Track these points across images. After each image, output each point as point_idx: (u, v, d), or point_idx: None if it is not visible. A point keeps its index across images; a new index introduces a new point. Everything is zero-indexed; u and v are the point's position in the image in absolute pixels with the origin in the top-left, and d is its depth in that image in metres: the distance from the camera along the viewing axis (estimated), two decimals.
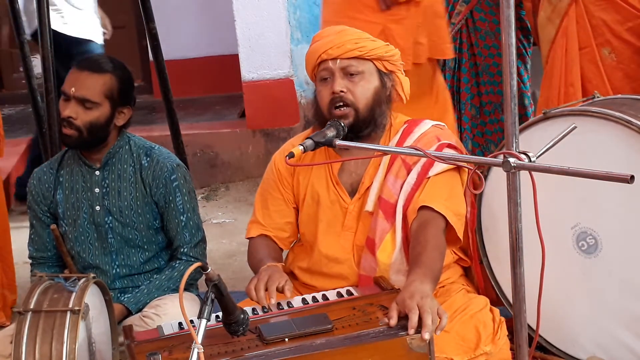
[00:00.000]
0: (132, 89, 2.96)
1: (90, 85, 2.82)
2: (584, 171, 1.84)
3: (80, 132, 2.84)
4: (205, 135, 6.10)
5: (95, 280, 2.43)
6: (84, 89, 2.81)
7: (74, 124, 2.82)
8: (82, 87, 2.81)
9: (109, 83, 2.85)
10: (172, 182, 2.93)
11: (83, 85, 2.81)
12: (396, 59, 2.73)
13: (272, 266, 2.62)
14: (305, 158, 2.79)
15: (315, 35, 2.81)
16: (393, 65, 2.72)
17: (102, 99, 2.84)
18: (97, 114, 2.84)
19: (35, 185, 3.02)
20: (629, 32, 3.37)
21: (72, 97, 2.82)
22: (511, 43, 1.95)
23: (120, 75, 2.89)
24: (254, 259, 2.79)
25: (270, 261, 2.67)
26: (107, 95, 2.84)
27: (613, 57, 3.42)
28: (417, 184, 2.64)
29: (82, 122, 2.83)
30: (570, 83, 3.48)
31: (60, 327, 2.20)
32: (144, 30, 4.43)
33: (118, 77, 2.87)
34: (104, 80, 2.84)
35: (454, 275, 2.82)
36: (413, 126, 2.76)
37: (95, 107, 2.83)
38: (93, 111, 2.83)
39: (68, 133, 2.85)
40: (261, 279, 2.50)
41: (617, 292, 2.66)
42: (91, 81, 2.83)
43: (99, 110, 2.84)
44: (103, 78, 2.84)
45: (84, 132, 2.84)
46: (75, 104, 2.82)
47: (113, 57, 2.98)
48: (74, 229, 2.97)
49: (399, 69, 2.75)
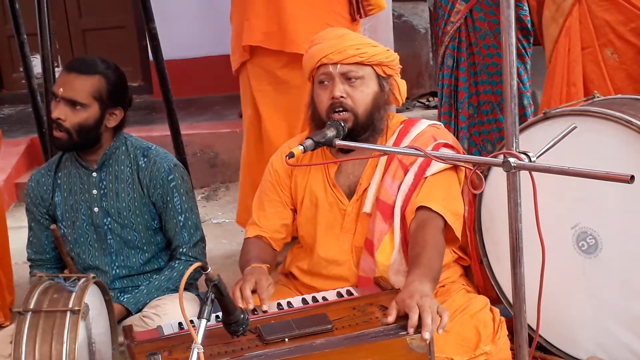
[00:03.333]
0: (124, 90, 2.94)
1: (78, 87, 2.82)
2: (584, 171, 1.84)
3: (69, 134, 2.84)
4: (205, 135, 6.10)
5: (95, 281, 2.43)
6: (72, 90, 2.81)
7: (63, 125, 2.83)
8: (70, 89, 2.81)
9: (98, 84, 2.84)
10: (169, 182, 2.93)
11: (71, 86, 2.81)
12: (395, 64, 2.73)
13: (257, 267, 2.62)
14: (304, 159, 2.79)
15: (314, 36, 2.80)
16: (392, 70, 2.73)
17: (90, 100, 2.83)
18: (86, 115, 2.84)
19: (34, 187, 3.02)
20: (632, 32, 3.37)
21: (61, 98, 2.82)
22: (511, 43, 1.95)
23: (110, 77, 2.87)
24: (242, 260, 2.80)
25: (257, 262, 2.68)
26: (95, 96, 2.84)
27: (616, 57, 3.42)
28: (414, 184, 2.64)
29: (70, 123, 2.83)
30: (572, 83, 3.48)
31: (60, 327, 2.20)
32: (144, 30, 4.44)
33: (107, 78, 2.86)
34: (92, 81, 2.83)
35: (453, 274, 2.82)
36: (409, 126, 2.76)
37: (83, 108, 2.83)
38: (81, 112, 2.83)
39: (58, 136, 2.86)
40: (247, 281, 2.50)
41: (617, 292, 2.66)
42: (79, 82, 2.82)
43: (87, 111, 2.84)
44: (92, 79, 2.83)
45: (74, 134, 2.84)
46: (64, 105, 2.82)
47: (105, 59, 2.96)
48: (73, 231, 2.97)
49: (396, 72, 2.76)
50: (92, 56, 2.96)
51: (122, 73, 2.95)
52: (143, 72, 7.81)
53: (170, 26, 6.83)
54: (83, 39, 7.96)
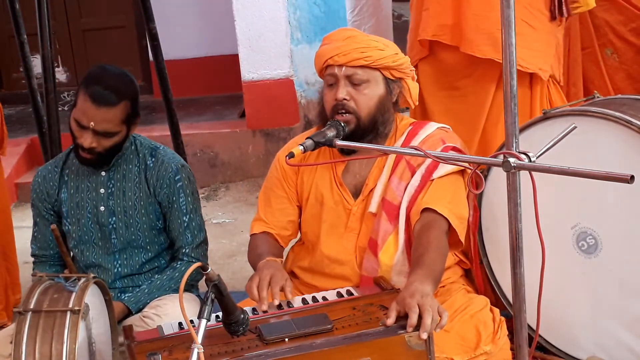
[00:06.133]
0: (138, 99, 2.93)
1: (110, 119, 2.80)
2: (584, 171, 1.84)
3: (100, 155, 2.87)
4: (205, 135, 6.11)
5: (96, 280, 2.43)
6: (104, 123, 2.80)
7: (95, 151, 2.84)
8: (101, 122, 2.79)
9: (125, 110, 2.83)
10: (175, 182, 2.93)
11: (103, 120, 2.79)
12: (405, 67, 2.70)
13: (272, 261, 2.62)
14: (310, 158, 2.79)
15: (325, 36, 2.79)
16: (401, 73, 2.70)
17: (121, 127, 2.84)
18: (118, 139, 2.86)
19: (40, 183, 3.03)
20: (632, 32, 3.37)
21: (92, 130, 2.80)
22: (511, 43, 1.95)
23: (133, 95, 2.87)
24: (253, 254, 2.78)
25: (270, 256, 2.67)
26: (124, 121, 2.84)
27: (615, 57, 3.43)
28: (420, 186, 2.64)
29: (102, 148, 2.85)
30: (572, 83, 3.49)
31: (60, 327, 2.20)
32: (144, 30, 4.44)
33: (131, 98, 2.86)
34: (121, 109, 2.82)
35: (454, 275, 2.82)
36: (418, 128, 2.76)
37: (116, 134, 2.85)
38: (114, 138, 2.85)
39: (87, 157, 2.86)
40: (263, 278, 2.49)
41: (617, 292, 2.66)
42: (110, 115, 2.80)
43: (119, 135, 2.86)
44: (120, 108, 2.81)
45: (104, 153, 2.87)
46: (95, 135, 2.81)
47: (118, 72, 2.91)
48: (78, 228, 2.98)
49: (407, 75, 2.72)
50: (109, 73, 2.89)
51: (135, 82, 2.94)
52: (143, 72, 7.82)
53: (170, 26, 6.85)
54: (83, 39, 7.97)
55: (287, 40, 5.87)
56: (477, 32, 3.11)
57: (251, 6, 5.79)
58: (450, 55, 3.26)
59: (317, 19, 6.15)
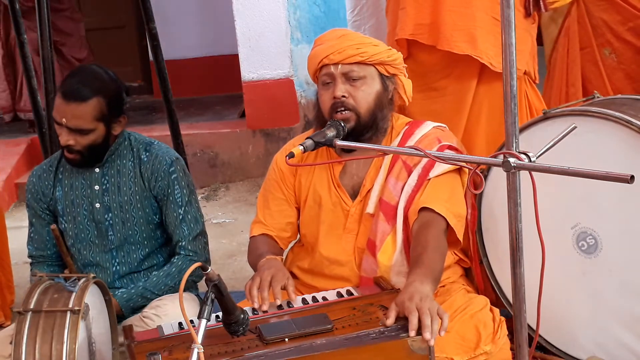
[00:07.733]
0: (122, 98, 2.92)
1: (80, 115, 2.81)
2: (584, 171, 1.84)
3: (81, 154, 2.87)
4: (205, 135, 6.11)
5: (95, 280, 2.43)
6: (75, 120, 2.81)
7: (74, 149, 2.85)
8: (72, 118, 2.80)
9: (98, 106, 2.83)
10: (170, 174, 2.94)
11: (73, 116, 2.80)
12: (398, 63, 2.72)
13: (273, 260, 2.62)
14: (308, 158, 2.79)
15: (317, 38, 2.80)
16: (395, 69, 2.72)
17: (95, 124, 2.84)
18: (94, 137, 2.86)
19: (35, 183, 3.03)
20: (630, 32, 3.37)
21: (66, 127, 2.82)
22: (511, 43, 1.95)
23: (108, 91, 2.86)
24: (253, 255, 2.78)
25: (270, 255, 2.67)
26: (98, 118, 2.84)
27: (614, 57, 3.43)
28: (417, 185, 2.64)
29: (81, 146, 2.85)
30: (571, 83, 3.49)
31: (60, 327, 2.20)
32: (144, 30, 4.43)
33: (105, 95, 2.84)
34: (93, 105, 2.82)
35: (454, 275, 2.82)
36: (414, 128, 2.76)
37: (90, 132, 2.84)
38: (89, 135, 2.85)
39: (70, 157, 2.88)
40: (264, 278, 2.49)
41: (617, 292, 2.66)
42: (80, 111, 2.80)
43: (95, 133, 2.85)
44: (91, 104, 2.81)
45: (86, 152, 2.87)
46: (70, 132, 2.83)
47: (94, 67, 2.94)
48: (74, 226, 2.98)
49: (401, 71, 2.74)
50: (86, 70, 2.92)
51: (116, 79, 2.93)
52: (143, 72, 7.83)
53: (170, 26, 6.85)
54: None
55: (287, 40, 5.87)
56: (454, 28, 3.08)
57: (251, 6, 5.79)
58: (428, 56, 3.21)
59: (317, 19, 6.14)
